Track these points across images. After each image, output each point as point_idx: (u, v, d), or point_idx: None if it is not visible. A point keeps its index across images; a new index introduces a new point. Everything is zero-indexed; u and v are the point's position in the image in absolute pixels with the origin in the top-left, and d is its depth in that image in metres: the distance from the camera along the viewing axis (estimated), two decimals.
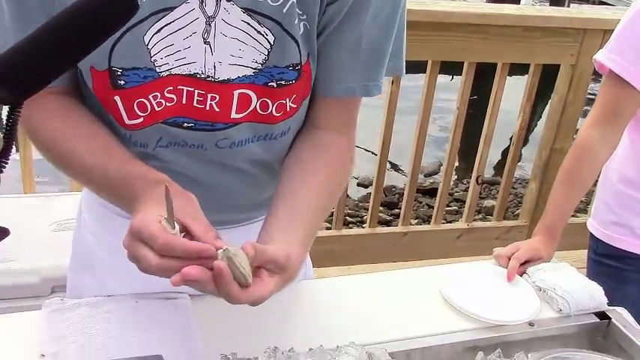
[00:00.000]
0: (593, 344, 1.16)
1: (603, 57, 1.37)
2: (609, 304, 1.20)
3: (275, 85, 0.90)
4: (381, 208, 3.04)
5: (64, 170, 0.94)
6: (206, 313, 1.07)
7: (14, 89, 0.55)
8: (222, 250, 0.74)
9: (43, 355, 0.95)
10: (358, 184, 4.90)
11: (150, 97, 0.87)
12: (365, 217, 4.03)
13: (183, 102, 0.88)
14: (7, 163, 0.59)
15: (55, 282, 1.67)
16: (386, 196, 4.40)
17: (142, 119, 0.89)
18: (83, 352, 0.96)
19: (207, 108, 0.89)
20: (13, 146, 0.60)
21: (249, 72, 0.88)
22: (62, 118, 0.91)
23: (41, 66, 0.56)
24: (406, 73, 1.03)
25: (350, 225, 4.07)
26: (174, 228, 0.75)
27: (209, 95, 0.88)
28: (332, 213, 2.66)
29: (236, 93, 0.89)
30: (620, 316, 1.17)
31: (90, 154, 0.89)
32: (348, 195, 4.11)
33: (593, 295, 1.19)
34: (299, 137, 1.02)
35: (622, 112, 1.37)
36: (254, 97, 0.90)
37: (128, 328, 1.02)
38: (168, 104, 0.88)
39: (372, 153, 2.48)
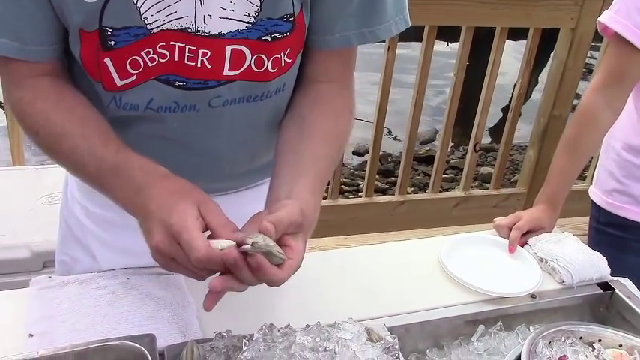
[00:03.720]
0: (596, 315, 1.14)
1: (608, 19, 1.32)
2: (611, 274, 1.18)
3: (269, 39, 0.88)
4: (376, 176, 3.01)
5: (53, 155, 0.90)
6: (200, 289, 1.03)
7: None
8: (249, 245, 0.74)
9: (31, 335, 0.92)
10: (353, 153, 4.86)
11: (142, 53, 0.85)
12: (361, 186, 4.00)
13: (175, 59, 0.86)
14: None
15: (47, 256, 1.64)
16: (382, 164, 4.37)
17: (134, 77, 0.87)
18: (73, 331, 0.93)
19: (199, 65, 0.87)
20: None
21: (242, 26, 0.86)
22: (54, 100, 0.88)
23: None
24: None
25: (346, 194, 4.04)
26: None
27: (200, 51, 0.86)
28: (328, 182, 2.63)
29: (228, 49, 0.87)
30: (624, 286, 1.15)
31: (84, 139, 0.86)
32: (343, 163, 4.07)
33: (596, 265, 1.17)
34: (296, 94, 1.00)
35: (627, 77, 1.32)
36: (248, 53, 0.88)
37: (120, 306, 0.99)
38: (161, 60, 0.86)
39: (366, 121, 2.43)
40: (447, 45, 6.17)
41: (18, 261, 1.64)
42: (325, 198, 2.69)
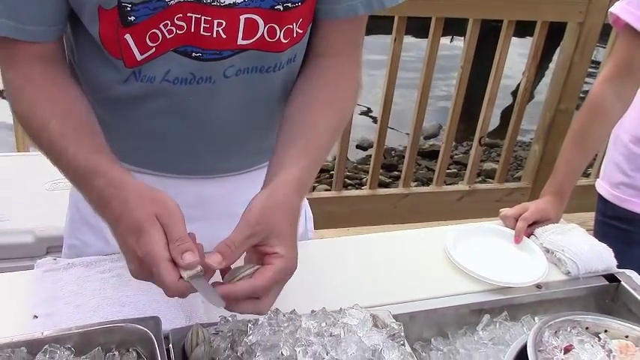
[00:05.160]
0: (601, 307, 1.13)
1: (620, 10, 1.31)
2: (617, 266, 1.17)
3: (282, 9, 0.88)
4: (380, 170, 3.02)
5: (37, 145, 0.90)
6: None
7: None
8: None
9: (35, 316, 0.92)
10: (357, 146, 4.85)
11: (161, 26, 0.85)
12: (364, 180, 3.99)
13: (192, 30, 0.87)
14: None
15: (51, 242, 1.64)
16: (385, 158, 4.36)
17: (153, 49, 0.87)
18: (77, 313, 0.93)
19: (215, 35, 0.87)
20: None
21: None
22: (40, 91, 0.88)
23: None
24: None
25: (349, 187, 4.03)
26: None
27: (215, 22, 0.86)
28: (332, 174, 2.63)
29: (242, 18, 0.87)
30: (630, 279, 1.14)
31: (60, 136, 0.85)
32: (347, 157, 4.07)
33: (602, 257, 1.17)
34: (302, 69, 1.00)
35: (637, 68, 1.31)
36: (261, 22, 0.89)
37: (125, 289, 0.98)
38: (178, 32, 0.86)
39: (369, 109, 2.42)
40: (452, 40, 6.14)
41: (22, 246, 1.64)
42: (329, 190, 2.69)
